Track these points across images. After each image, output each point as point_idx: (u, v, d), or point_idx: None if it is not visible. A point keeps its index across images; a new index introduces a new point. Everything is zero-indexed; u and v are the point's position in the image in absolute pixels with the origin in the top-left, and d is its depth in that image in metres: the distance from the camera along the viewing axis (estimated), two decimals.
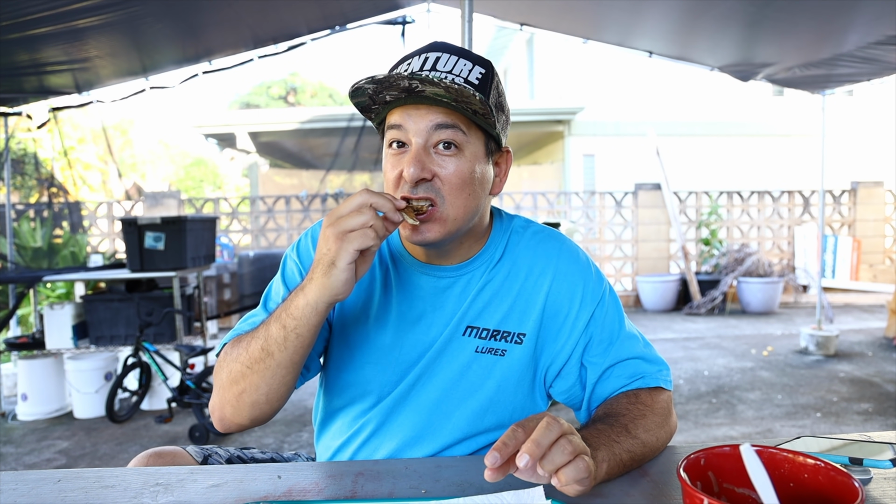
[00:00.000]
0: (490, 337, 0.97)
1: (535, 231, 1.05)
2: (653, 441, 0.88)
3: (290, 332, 0.83)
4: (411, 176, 0.87)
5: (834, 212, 8.38)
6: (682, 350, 5.42)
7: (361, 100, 0.90)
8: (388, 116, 0.92)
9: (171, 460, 0.98)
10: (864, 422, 3.48)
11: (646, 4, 3.57)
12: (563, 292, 1.00)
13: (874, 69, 4.21)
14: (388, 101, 0.89)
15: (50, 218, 6.60)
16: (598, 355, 0.99)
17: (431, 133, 0.88)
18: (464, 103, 0.86)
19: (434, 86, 0.83)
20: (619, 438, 0.83)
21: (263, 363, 0.85)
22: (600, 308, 1.00)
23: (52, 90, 4.17)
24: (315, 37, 3.99)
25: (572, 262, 1.02)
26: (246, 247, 7.74)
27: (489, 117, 0.88)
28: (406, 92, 0.86)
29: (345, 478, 0.82)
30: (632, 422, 0.88)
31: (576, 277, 1.01)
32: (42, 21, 2.90)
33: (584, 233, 8.09)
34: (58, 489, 0.80)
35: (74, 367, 3.87)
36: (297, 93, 23.78)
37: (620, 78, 10.36)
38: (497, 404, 0.98)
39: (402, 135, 0.89)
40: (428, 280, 0.99)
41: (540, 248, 1.02)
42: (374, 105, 0.91)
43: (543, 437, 0.68)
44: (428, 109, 0.88)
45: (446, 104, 0.87)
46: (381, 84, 0.85)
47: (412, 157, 0.87)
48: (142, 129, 21.33)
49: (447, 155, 0.89)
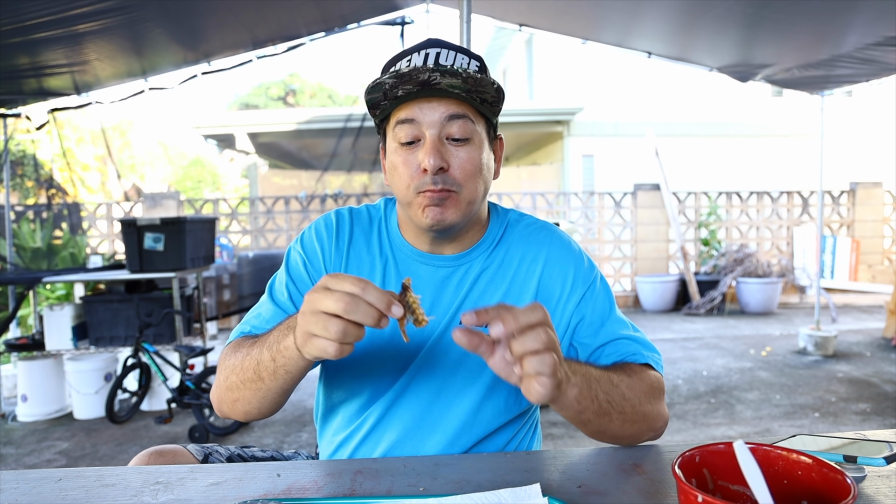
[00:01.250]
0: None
1: (529, 223, 1.07)
2: (635, 400, 0.88)
3: (280, 367, 0.83)
4: (433, 166, 0.88)
5: (833, 212, 8.39)
6: (680, 350, 5.42)
7: (376, 95, 0.90)
8: (396, 113, 0.93)
9: (172, 459, 0.98)
10: (862, 422, 3.48)
11: (645, 5, 3.58)
12: (554, 277, 1.01)
13: (873, 70, 4.22)
14: (399, 97, 0.90)
15: (49, 219, 6.60)
16: (589, 336, 1.00)
17: (445, 124, 0.90)
18: (475, 92, 0.89)
19: (453, 76, 0.85)
20: (600, 379, 0.84)
21: (255, 384, 0.87)
22: (591, 291, 1.02)
23: (51, 92, 4.17)
24: (314, 38, 4.00)
25: (564, 249, 1.04)
26: (245, 247, 7.75)
27: (497, 105, 0.93)
28: (421, 85, 0.87)
29: (343, 476, 0.83)
30: (616, 375, 0.88)
31: (567, 263, 1.03)
32: (43, 26, 2.91)
33: (583, 233, 8.09)
34: (59, 488, 0.81)
35: (74, 368, 3.87)
36: (296, 94, 23.79)
37: (619, 78, 10.38)
38: (495, 390, 0.99)
39: (415, 129, 0.91)
40: (427, 270, 1.00)
41: (532, 237, 1.04)
42: (384, 101, 0.92)
43: (524, 315, 0.68)
44: (439, 102, 0.90)
45: (456, 95, 0.89)
46: (401, 78, 0.86)
47: (431, 148, 0.89)
48: (141, 130, 21.32)
49: (460, 146, 0.92)
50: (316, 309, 0.70)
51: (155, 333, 3.91)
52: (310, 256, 1.03)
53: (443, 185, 0.90)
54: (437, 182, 0.90)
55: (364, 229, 1.05)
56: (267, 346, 0.84)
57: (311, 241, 1.04)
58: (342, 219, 1.05)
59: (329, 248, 1.02)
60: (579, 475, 0.82)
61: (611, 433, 0.89)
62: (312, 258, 1.03)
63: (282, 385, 0.86)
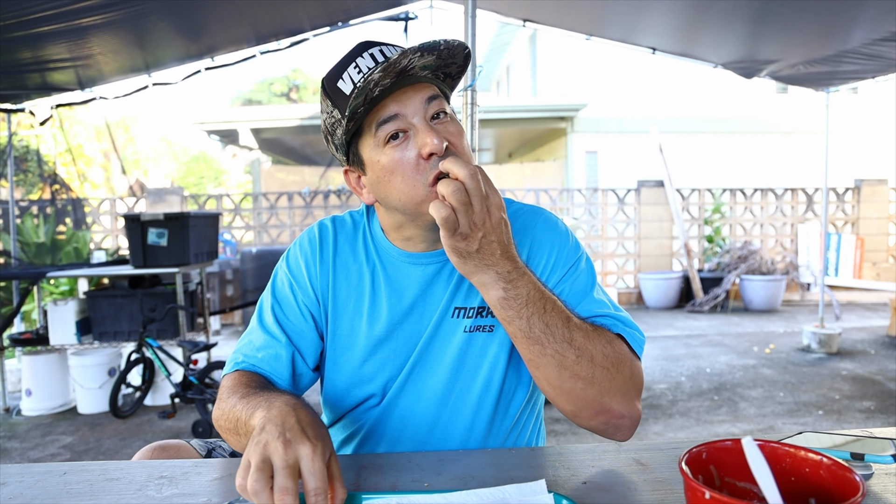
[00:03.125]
0: (477, 314, 0.98)
1: (517, 209, 1.05)
2: (585, 353, 0.83)
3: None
4: (438, 145, 0.85)
5: (837, 209, 8.36)
6: (684, 347, 5.41)
7: (359, 100, 0.85)
8: (371, 117, 0.88)
9: (175, 453, 0.98)
10: (866, 420, 3.47)
11: (649, 1, 3.56)
12: (540, 256, 0.99)
13: (879, 66, 4.19)
14: (375, 97, 0.86)
15: (53, 214, 6.61)
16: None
17: (426, 108, 0.89)
18: (442, 68, 0.90)
19: (430, 53, 0.84)
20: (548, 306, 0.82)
21: (241, 440, 0.84)
22: (573, 270, 0.99)
23: (54, 87, 4.17)
24: (317, 33, 3.99)
25: (549, 231, 1.02)
26: (248, 243, 7.76)
27: (458, 78, 0.95)
28: (397, 75, 0.84)
29: (348, 471, 0.83)
30: (577, 320, 0.85)
31: (552, 242, 1.00)
32: (46, 20, 2.90)
33: (586, 230, 8.08)
34: (63, 482, 0.81)
35: (78, 362, 3.88)
36: (299, 89, 23.78)
37: (623, 75, 10.34)
38: (493, 382, 0.98)
39: (401, 122, 0.88)
40: (415, 269, 0.99)
41: (518, 222, 1.02)
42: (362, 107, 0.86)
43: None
44: (414, 89, 0.89)
45: (426, 78, 0.90)
46: (386, 70, 0.82)
47: (427, 130, 0.86)
48: (144, 125, 21.39)
49: (444, 122, 0.90)
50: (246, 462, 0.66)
51: (158, 328, 3.92)
52: (295, 276, 1.02)
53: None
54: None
55: (349, 238, 1.04)
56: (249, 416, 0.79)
57: (297, 259, 1.03)
58: (325, 231, 1.04)
59: (313, 264, 1.02)
60: (584, 471, 0.82)
61: (545, 375, 0.84)
62: (298, 278, 1.02)
63: None
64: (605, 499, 0.74)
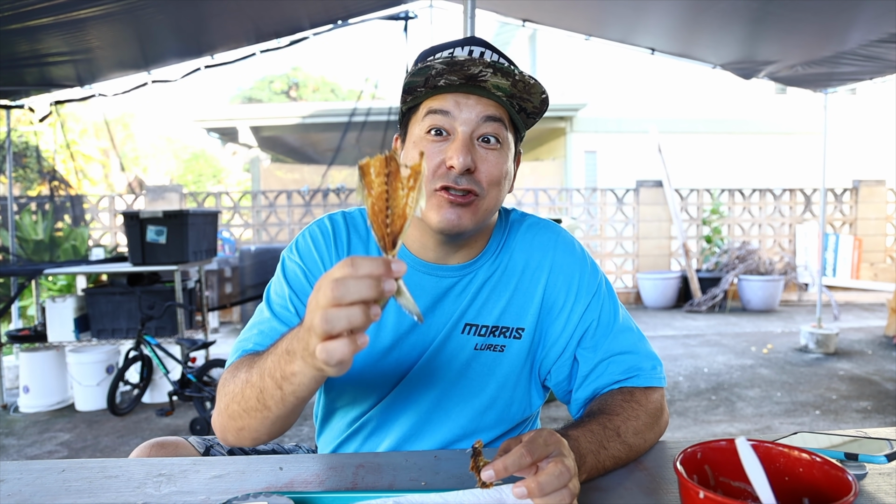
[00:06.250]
0: (489, 333, 0.97)
1: (531, 224, 1.04)
2: (640, 444, 0.88)
3: (288, 394, 0.73)
4: (462, 165, 0.85)
5: (835, 210, 8.37)
6: (682, 347, 5.42)
7: (417, 79, 0.86)
8: (429, 102, 0.89)
9: (174, 451, 0.98)
10: (863, 420, 3.48)
11: (648, 1, 3.56)
12: (559, 285, 1.00)
13: (877, 67, 4.19)
14: (439, 86, 0.87)
15: (51, 211, 6.61)
16: (591, 349, 0.98)
17: (480, 124, 0.88)
18: (517, 99, 0.88)
19: (504, 76, 0.83)
20: (608, 444, 0.82)
21: (260, 413, 0.78)
22: (595, 300, 1.00)
23: (53, 82, 4.16)
24: (317, 31, 3.99)
25: (568, 254, 1.02)
26: (247, 241, 7.76)
27: (535, 117, 0.92)
28: (466, 79, 0.84)
29: (346, 470, 0.83)
30: (624, 423, 0.87)
31: (572, 269, 1.01)
32: (42, 11, 2.88)
33: (585, 230, 8.09)
34: (62, 479, 0.81)
35: (76, 359, 3.88)
36: (299, 87, 23.74)
37: (622, 75, 10.34)
38: (498, 401, 0.98)
39: (448, 122, 0.87)
40: (430, 280, 0.97)
41: (536, 240, 1.02)
42: (421, 87, 0.88)
43: (548, 483, 0.64)
44: (478, 100, 0.87)
45: (497, 98, 0.88)
46: (451, 66, 0.82)
47: (462, 146, 0.86)
48: (144, 122, 21.35)
49: (490, 148, 0.89)
50: (314, 317, 0.60)
51: (157, 326, 3.92)
52: (308, 265, 0.97)
53: (467, 186, 0.87)
54: (461, 182, 0.86)
55: (360, 235, 1.00)
56: (268, 373, 0.74)
57: (308, 248, 0.98)
58: (337, 224, 1.00)
59: (328, 256, 0.97)
60: None
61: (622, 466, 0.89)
62: (312, 268, 0.97)
63: (291, 409, 0.78)
64: (602, 498, 0.75)
